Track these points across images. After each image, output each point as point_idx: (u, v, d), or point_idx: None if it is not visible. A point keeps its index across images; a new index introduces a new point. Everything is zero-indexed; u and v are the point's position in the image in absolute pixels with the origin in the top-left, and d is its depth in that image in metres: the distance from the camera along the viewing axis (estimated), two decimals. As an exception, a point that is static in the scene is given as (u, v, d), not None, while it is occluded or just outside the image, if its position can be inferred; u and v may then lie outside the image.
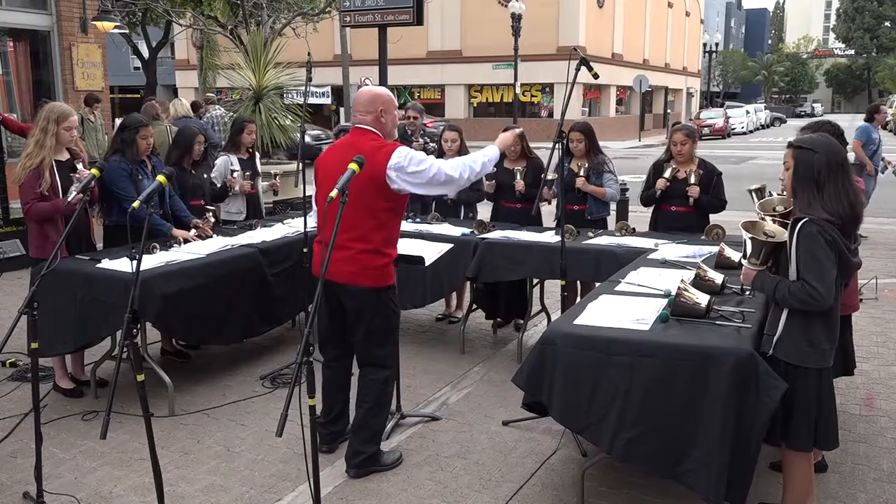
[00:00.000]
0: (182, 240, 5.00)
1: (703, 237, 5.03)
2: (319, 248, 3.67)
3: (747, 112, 43.62)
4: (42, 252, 4.51)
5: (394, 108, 3.71)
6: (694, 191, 5.16)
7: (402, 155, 3.50)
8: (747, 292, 3.46)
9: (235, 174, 5.85)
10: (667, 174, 5.25)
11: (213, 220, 5.43)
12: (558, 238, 4.56)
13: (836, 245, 2.83)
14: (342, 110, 29.17)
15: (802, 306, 2.86)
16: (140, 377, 2.83)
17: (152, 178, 4.81)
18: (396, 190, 3.53)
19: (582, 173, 5.55)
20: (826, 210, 2.85)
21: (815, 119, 4.77)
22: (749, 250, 3.09)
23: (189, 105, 9.78)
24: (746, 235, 3.08)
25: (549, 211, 6.02)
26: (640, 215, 6.24)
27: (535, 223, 5.56)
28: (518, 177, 5.75)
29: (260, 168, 6.29)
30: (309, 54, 5.54)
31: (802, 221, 2.86)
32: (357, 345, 3.77)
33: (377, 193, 3.50)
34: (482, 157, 3.68)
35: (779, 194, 3.59)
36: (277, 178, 6.30)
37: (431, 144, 7.28)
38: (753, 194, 3.81)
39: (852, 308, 3.88)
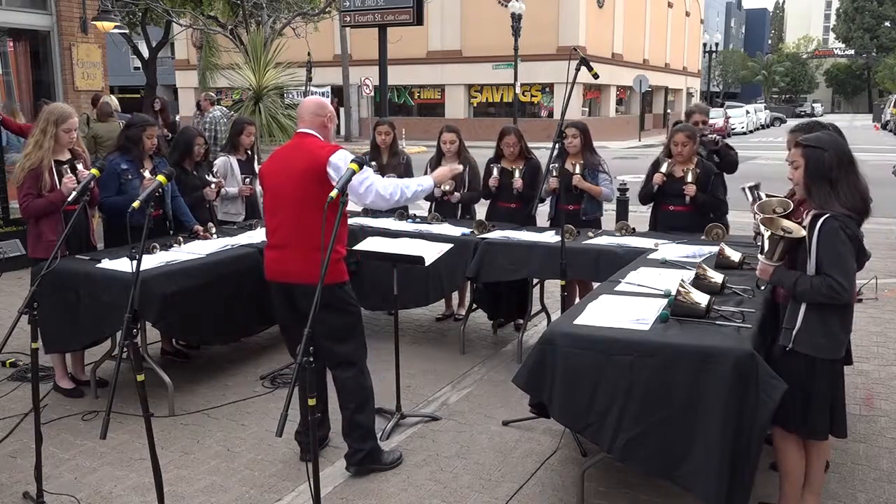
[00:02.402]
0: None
1: (703, 237, 5.03)
2: (271, 253, 3.68)
3: (747, 112, 43.62)
4: (36, 252, 4.52)
5: (335, 119, 3.89)
6: (690, 189, 5.16)
7: (341, 156, 3.55)
8: (762, 287, 3.48)
9: (247, 181, 5.90)
10: (663, 169, 5.25)
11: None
12: (558, 238, 4.56)
13: (855, 239, 2.91)
14: (342, 110, 29.21)
15: (825, 300, 2.92)
16: (140, 377, 2.84)
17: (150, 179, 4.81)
18: None
19: (578, 170, 5.55)
20: (843, 205, 2.92)
21: (806, 120, 4.77)
22: (766, 247, 3.12)
23: (117, 101, 10.54)
24: (765, 231, 3.11)
25: (542, 212, 6.02)
26: (640, 215, 6.24)
27: (531, 223, 5.55)
28: (517, 174, 5.77)
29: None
30: (309, 54, 5.56)
31: (824, 218, 2.91)
32: (320, 347, 3.75)
33: (320, 188, 3.48)
34: (416, 185, 3.83)
35: (769, 195, 3.59)
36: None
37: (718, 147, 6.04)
38: (748, 191, 3.82)
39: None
